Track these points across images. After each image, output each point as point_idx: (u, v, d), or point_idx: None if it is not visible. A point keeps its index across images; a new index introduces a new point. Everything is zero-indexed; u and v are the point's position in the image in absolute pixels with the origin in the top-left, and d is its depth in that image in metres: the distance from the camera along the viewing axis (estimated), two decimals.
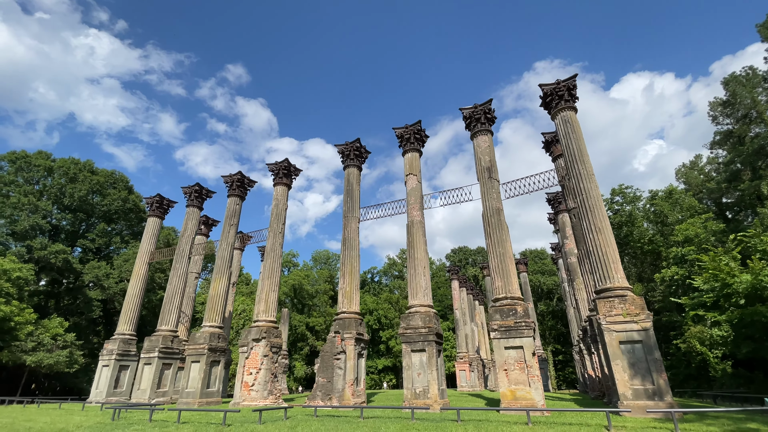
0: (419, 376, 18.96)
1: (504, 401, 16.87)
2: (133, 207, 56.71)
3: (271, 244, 26.69)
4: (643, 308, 16.39)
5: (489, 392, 41.77)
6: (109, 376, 27.62)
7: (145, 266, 32.38)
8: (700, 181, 51.21)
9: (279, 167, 28.80)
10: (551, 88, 21.70)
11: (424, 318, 19.97)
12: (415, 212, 23.08)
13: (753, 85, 39.11)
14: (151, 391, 25.61)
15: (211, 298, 26.84)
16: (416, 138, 25.19)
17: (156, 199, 34.03)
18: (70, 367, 40.90)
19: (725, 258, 29.30)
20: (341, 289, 23.56)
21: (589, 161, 19.85)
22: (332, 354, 21.39)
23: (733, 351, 30.12)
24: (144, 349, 27.24)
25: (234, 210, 29.81)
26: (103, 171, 54.45)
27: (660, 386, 15.14)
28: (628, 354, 15.95)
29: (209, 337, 25.20)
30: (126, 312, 30.51)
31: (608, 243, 18.00)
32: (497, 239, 20.03)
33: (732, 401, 24.10)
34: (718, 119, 44.58)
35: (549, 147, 26.84)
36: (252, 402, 22.04)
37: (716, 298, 29.07)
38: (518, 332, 17.68)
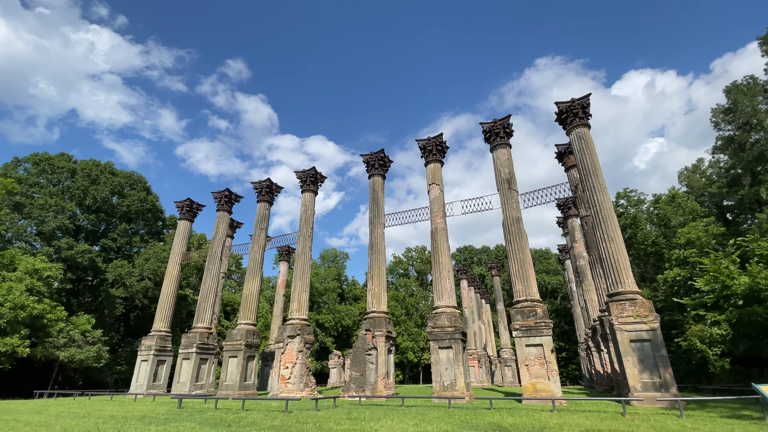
0: (446, 371, 20.90)
1: (526, 393, 18.83)
2: (151, 207, 58.61)
3: (302, 248, 28.57)
4: (651, 310, 18.33)
5: (498, 387, 43.82)
6: (148, 370, 29.59)
7: (177, 267, 34.29)
8: (701, 184, 53.07)
9: (307, 175, 30.63)
10: (566, 105, 23.51)
11: (450, 318, 21.90)
12: (438, 219, 24.94)
13: (754, 93, 40.87)
14: (190, 384, 27.55)
15: (246, 297, 28.74)
16: (438, 150, 27.01)
17: (186, 203, 35.88)
18: (97, 362, 42.87)
19: (725, 261, 31.19)
20: (370, 290, 25.47)
21: (601, 175, 21.70)
22: (364, 350, 23.33)
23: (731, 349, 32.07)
24: (182, 345, 29.17)
25: (263, 215, 31.67)
26: (122, 172, 56.27)
27: (666, 379, 17.10)
28: (637, 351, 17.89)
29: (245, 333, 27.13)
30: (161, 310, 32.43)
31: (620, 251, 19.89)
32: (517, 246, 21.92)
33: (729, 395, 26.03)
34: (720, 125, 46.35)
35: (562, 158, 28.67)
36: (289, 394, 23.98)
37: (716, 299, 30.84)
38: (538, 331, 19.61)
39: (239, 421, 13.77)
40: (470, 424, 12.35)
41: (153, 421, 14.04)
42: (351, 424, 12.57)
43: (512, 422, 12.57)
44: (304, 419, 13.67)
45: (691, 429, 11.16)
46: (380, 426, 12.08)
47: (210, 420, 14.05)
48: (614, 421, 12.59)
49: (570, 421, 12.64)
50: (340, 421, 13.19)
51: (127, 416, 16.00)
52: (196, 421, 13.85)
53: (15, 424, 13.96)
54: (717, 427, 11.29)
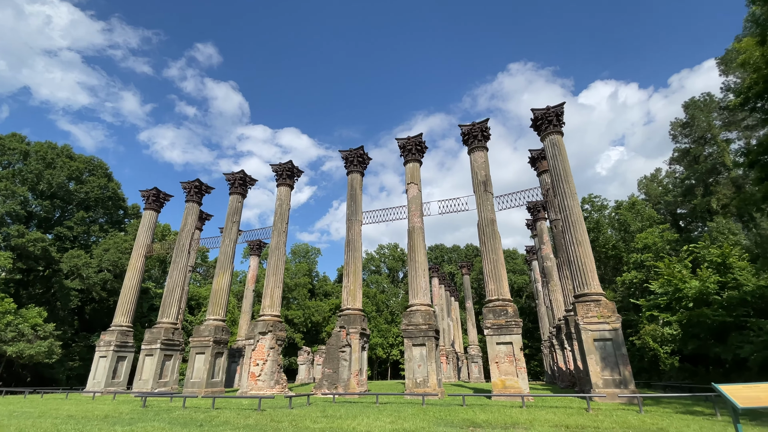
0: (419, 368, 21.20)
1: (495, 389, 19.40)
2: (112, 195, 55.79)
3: (276, 243, 28.06)
4: (614, 311, 19.32)
5: (465, 383, 44.88)
6: (107, 367, 28.22)
7: (141, 259, 32.82)
8: (658, 192, 56.31)
9: (283, 168, 30.07)
10: (542, 112, 24.28)
11: (424, 315, 22.20)
12: (416, 219, 25.17)
13: (710, 110, 43.70)
14: (153, 382, 26.51)
15: (215, 292, 27.94)
16: (417, 149, 27.21)
17: (152, 192, 34.35)
18: (49, 357, 40.51)
19: (678, 266, 33.34)
20: (345, 287, 25.40)
21: (572, 181, 22.59)
22: (337, 347, 23.26)
23: (681, 348, 34.24)
24: (145, 340, 27.99)
25: (236, 207, 30.84)
26: (81, 157, 53.17)
27: (625, 376, 18.10)
28: (600, 350, 18.82)
29: (214, 329, 26.39)
30: (123, 304, 30.96)
31: (587, 254, 20.81)
32: (491, 247, 22.48)
33: (679, 391, 27.81)
34: (678, 138, 49.30)
35: (534, 163, 29.60)
36: (259, 391, 23.57)
37: (669, 301, 32.84)
38: (509, 330, 20.24)
39: (211, 420, 13.42)
40: (445, 421, 12.60)
41: (117, 421, 13.45)
42: (327, 422, 12.53)
43: (485, 418, 12.93)
44: (278, 418, 13.49)
45: (650, 424, 11.88)
46: (357, 424, 12.12)
47: (179, 419, 13.61)
48: (580, 416, 13.20)
49: (539, 417, 13.14)
50: (315, 419, 13.12)
51: (88, 416, 15.23)
52: (164, 420, 13.38)
53: None
54: (674, 422, 12.07)
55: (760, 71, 20.80)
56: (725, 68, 37.13)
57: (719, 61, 38.23)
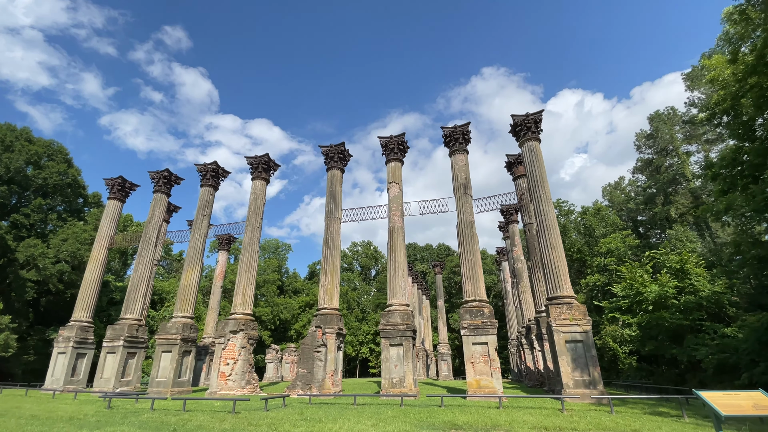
0: (396, 368, 21.24)
1: (470, 389, 19.71)
2: (72, 182, 52.58)
3: (249, 239, 27.30)
4: (585, 314, 20.05)
5: (435, 381, 45.45)
6: (66, 364, 26.63)
7: (104, 251, 31.10)
8: (621, 200, 58.99)
9: (259, 161, 29.27)
10: (521, 119, 24.80)
11: (402, 315, 22.24)
12: (396, 218, 25.16)
13: (673, 123, 46.14)
14: (115, 380, 25.22)
15: (183, 288, 26.88)
16: (399, 149, 27.18)
17: (118, 181, 32.60)
18: (5, 351, 37.94)
19: (640, 271, 35.00)
20: (323, 286, 25.06)
21: (548, 187, 23.22)
22: (313, 347, 22.94)
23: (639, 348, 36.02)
24: (107, 337, 26.57)
25: (207, 200, 29.76)
26: (40, 140, 49.77)
27: (594, 377, 18.84)
28: (571, 351, 19.49)
29: (182, 327, 25.40)
30: (83, 298, 29.25)
31: (560, 258, 21.48)
32: (469, 248, 22.79)
33: (639, 390, 29.26)
34: (642, 148, 51.79)
35: (511, 167, 30.25)
36: (229, 391, 22.92)
37: (630, 304, 34.34)
38: (485, 330, 20.60)
39: (183, 424, 12.89)
40: (426, 423, 12.66)
41: (83, 424, 12.68)
42: (307, 426, 12.31)
43: (465, 420, 13.09)
44: (255, 421, 13.13)
45: (624, 426, 12.37)
46: (338, 427, 11.97)
47: (149, 423, 12.99)
48: (555, 417, 13.60)
49: (517, 418, 13.44)
50: (294, 422, 12.86)
51: (52, 416, 14.31)
52: (133, 424, 12.73)
53: None
54: (646, 424, 12.61)
55: (728, 88, 21.93)
56: (691, 84, 39.24)
57: (685, 77, 40.40)
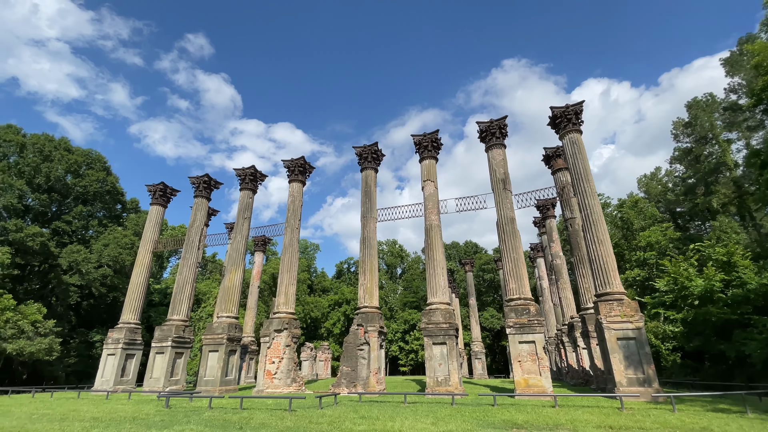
0: (440, 366, 21.17)
1: (518, 388, 19.46)
2: (111, 189, 54.71)
3: (289, 239, 27.73)
4: (637, 311, 19.45)
5: (470, 379, 45.09)
6: (115, 365, 27.72)
7: (149, 255, 32.22)
8: (658, 191, 56.94)
9: (295, 164, 29.68)
10: (560, 111, 24.24)
11: (444, 314, 22.14)
12: (432, 216, 25.03)
13: (712, 110, 44.17)
14: (164, 380, 26.11)
15: (227, 289, 27.56)
16: (433, 146, 27.03)
17: (159, 187, 33.68)
18: (49, 355, 39.76)
19: (684, 264, 33.72)
20: (362, 285, 25.21)
21: (592, 180, 22.63)
22: (355, 345, 23.12)
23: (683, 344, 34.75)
24: (155, 338, 27.54)
25: (247, 203, 30.39)
26: (78, 150, 51.97)
27: (649, 375, 18.26)
28: (623, 348, 18.95)
29: (227, 327, 26.05)
30: (131, 300, 30.40)
31: (608, 254, 20.90)
32: (511, 245, 22.46)
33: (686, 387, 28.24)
34: (679, 137, 49.79)
35: (549, 161, 29.62)
36: (275, 389, 23.37)
37: (675, 299, 33.20)
38: (531, 329, 20.28)
39: (246, 422, 13.21)
40: (485, 422, 12.56)
41: (150, 424, 13.16)
42: (368, 424, 12.40)
43: (524, 419, 12.92)
44: (315, 419, 13.32)
45: (691, 424, 11.96)
46: (399, 426, 12.01)
47: (213, 421, 13.37)
48: (617, 416, 13.26)
49: (577, 417, 13.17)
50: (354, 420, 12.98)
51: (114, 417, 14.89)
52: (199, 422, 13.13)
53: None
54: (713, 421, 12.17)
55: None
56: (730, 69, 37.49)
57: (723, 62, 38.59)
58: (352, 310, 73.83)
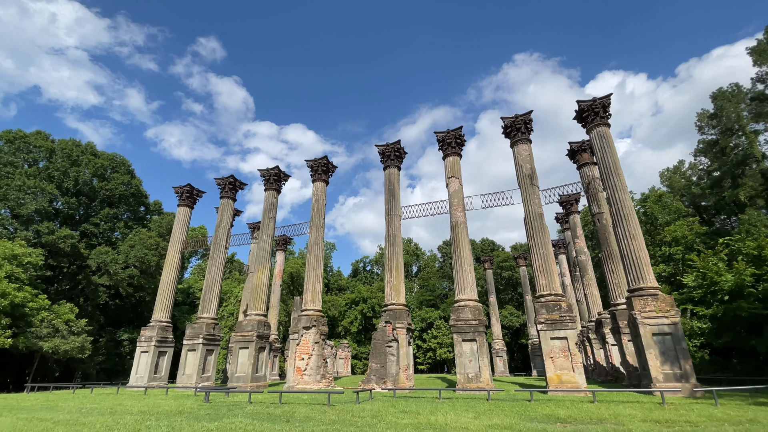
0: (470, 363, 21.24)
1: (551, 384, 19.41)
2: (135, 192, 56.05)
3: (314, 238, 28.10)
4: (672, 305, 19.21)
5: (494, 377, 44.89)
6: (149, 362, 28.51)
7: (178, 255, 33.00)
8: (681, 185, 55.77)
9: (318, 164, 30.03)
10: (588, 104, 24.03)
11: (473, 311, 22.20)
12: (458, 213, 25.08)
13: (738, 100, 43.07)
14: (197, 376, 26.76)
15: (255, 287, 28.07)
16: (457, 143, 27.05)
17: (186, 188, 34.43)
18: (81, 353, 40.99)
19: (714, 259, 33.04)
20: (388, 282, 25.42)
21: (622, 174, 22.38)
22: (384, 342, 23.34)
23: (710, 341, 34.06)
24: (187, 335, 28.23)
25: (272, 203, 30.86)
26: (104, 154, 53.37)
27: (686, 371, 18.03)
28: (659, 344, 18.74)
29: (257, 324, 26.55)
30: (161, 299, 31.20)
31: (641, 248, 20.67)
32: (540, 241, 22.39)
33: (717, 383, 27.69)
34: (704, 129, 48.68)
35: (574, 155, 29.34)
36: (306, 385, 23.76)
37: (704, 294, 32.57)
38: (563, 325, 20.20)
39: (291, 415, 13.51)
40: (528, 417, 12.61)
41: (198, 417, 13.55)
42: (411, 417, 12.57)
43: (566, 414, 12.92)
44: (356, 413, 13.55)
45: (737, 417, 11.79)
46: (442, 420, 12.14)
47: (259, 415, 13.71)
48: (660, 411, 13.16)
49: (619, 411, 13.12)
50: (396, 414, 13.17)
51: (160, 411, 15.36)
52: (245, 415, 13.47)
53: (45, 425, 13.07)
54: (758, 413, 11.97)
55: None
56: (758, 58, 36.52)
57: (750, 51, 37.61)
58: (369, 309, 74.15)
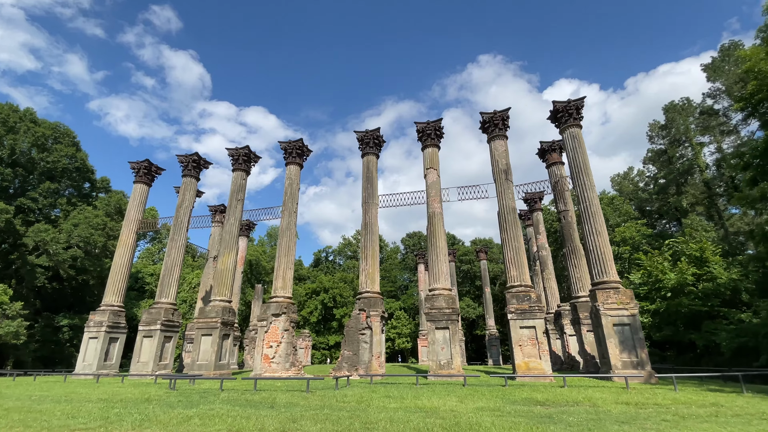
0: (443, 350, 21.58)
1: (519, 370, 20.18)
2: (81, 166, 51.57)
3: (286, 223, 27.23)
4: (632, 298, 20.56)
5: None
6: (98, 349, 26.46)
7: (133, 235, 30.73)
8: (630, 190, 59.87)
9: (293, 146, 29.04)
10: (563, 105, 24.96)
11: (447, 300, 22.53)
12: (435, 204, 25.27)
13: (688, 113, 46.67)
14: (153, 364, 25.18)
15: (221, 272, 26.79)
16: (436, 134, 27.18)
17: (144, 164, 32.06)
18: (16, 338, 37.42)
19: (660, 258, 35.77)
20: (363, 270, 25.19)
21: (591, 174, 23.52)
22: (357, 329, 23.17)
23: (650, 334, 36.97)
24: (143, 321, 26.43)
25: (240, 185, 29.50)
26: (45, 122, 48.51)
27: (642, 359, 19.40)
28: (619, 334, 20.02)
29: (221, 310, 25.39)
30: (114, 282, 28.98)
31: (606, 244, 21.90)
32: (513, 235, 23.08)
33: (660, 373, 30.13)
34: (654, 139, 52.38)
35: (544, 154, 30.47)
36: (274, 373, 23.08)
37: (648, 291, 35.20)
38: (532, 314, 21.02)
39: (272, 402, 13.01)
40: (509, 400, 12.97)
41: (171, 404, 12.72)
42: (398, 402, 12.53)
43: (543, 398, 13.44)
44: (339, 398, 13.32)
45: (698, 400, 12.79)
46: (429, 403, 12.21)
47: (237, 401, 13.09)
48: (627, 394, 14.03)
49: (591, 395, 13.84)
50: (381, 399, 13.08)
51: (123, 399, 14.27)
52: (223, 402, 12.83)
53: None
54: (717, 398, 13.08)
55: (764, 79, 22.34)
56: (712, 74, 39.63)
57: (705, 68, 40.80)
58: (330, 299, 73.51)
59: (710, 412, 10.15)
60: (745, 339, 26.07)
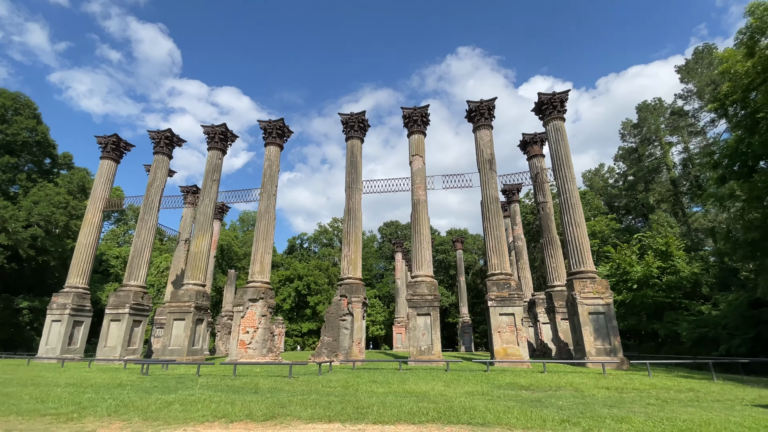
0: (423, 336, 21.67)
1: (497, 356, 20.53)
2: (42, 140, 48.13)
3: (265, 206, 26.42)
4: (607, 288, 21.21)
5: None
6: (61, 332, 25.02)
7: (99, 214, 29.05)
8: (600, 186, 61.94)
9: (273, 126, 28.08)
10: (548, 98, 25.21)
11: (429, 287, 22.58)
12: (420, 191, 25.12)
13: (659, 113, 48.40)
14: (121, 349, 24.05)
15: (194, 255, 25.78)
16: (423, 121, 26.92)
17: (112, 139, 30.22)
18: None
19: (628, 251, 37.25)
20: (345, 256, 24.85)
21: (572, 166, 23.97)
22: (338, 315, 22.90)
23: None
24: (110, 304, 25.14)
25: (216, 164, 28.34)
26: (5, 92, 44.89)
27: (615, 346, 20.14)
28: (594, 322, 20.66)
29: (195, 294, 24.49)
30: (78, 263, 27.36)
31: (584, 235, 22.45)
32: (495, 224, 23.29)
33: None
34: (626, 137, 54.15)
35: (525, 147, 30.83)
36: (250, 359, 22.56)
37: (616, 282, 36.65)
38: (511, 302, 21.36)
39: (255, 387, 12.61)
40: (495, 385, 13.12)
41: (146, 389, 12.11)
42: (385, 387, 12.42)
43: (527, 382, 13.68)
44: (324, 383, 13.07)
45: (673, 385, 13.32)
46: (416, 388, 12.16)
47: (217, 386, 12.62)
48: (605, 380, 14.50)
49: (571, 380, 14.20)
50: (367, 384, 12.94)
51: (93, 384, 13.50)
52: (203, 387, 12.33)
53: None
54: (691, 383, 13.68)
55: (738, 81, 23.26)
56: (685, 76, 41.10)
57: (678, 69, 42.27)
58: (304, 286, 72.75)
59: (690, 397, 10.56)
60: (705, 330, 27.53)
